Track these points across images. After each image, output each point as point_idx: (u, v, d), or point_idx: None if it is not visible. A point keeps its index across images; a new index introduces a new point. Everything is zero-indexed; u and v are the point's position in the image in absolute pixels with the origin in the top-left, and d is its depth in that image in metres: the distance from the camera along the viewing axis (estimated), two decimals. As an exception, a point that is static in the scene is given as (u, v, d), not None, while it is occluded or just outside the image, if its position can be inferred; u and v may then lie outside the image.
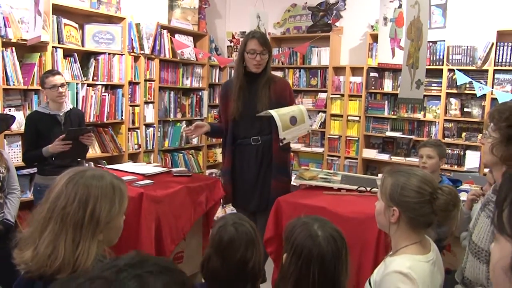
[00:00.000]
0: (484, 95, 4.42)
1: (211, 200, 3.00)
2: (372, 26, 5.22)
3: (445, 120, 4.77)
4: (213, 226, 1.70)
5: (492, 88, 4.38)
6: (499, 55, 4.43)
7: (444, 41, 4.68)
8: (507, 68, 4.40)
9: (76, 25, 4.19)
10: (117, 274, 0.60)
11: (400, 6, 3.88)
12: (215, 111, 6.05)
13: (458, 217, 1.65)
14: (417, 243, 1.60)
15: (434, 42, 4.67)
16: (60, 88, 3.27)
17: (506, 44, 4.39)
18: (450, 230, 1.75)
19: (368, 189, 2.80)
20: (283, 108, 2.96)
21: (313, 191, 2.87)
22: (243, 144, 3.10)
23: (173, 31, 5.28)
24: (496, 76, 4.46)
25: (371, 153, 5.27)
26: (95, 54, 4.33)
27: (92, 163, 4.30)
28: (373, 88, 5.19)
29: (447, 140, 4.69)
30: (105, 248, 1.36)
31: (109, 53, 4.37)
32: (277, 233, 2.58)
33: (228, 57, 6.28)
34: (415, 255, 1.56)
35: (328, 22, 5.60)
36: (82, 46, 4.26)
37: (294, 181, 3.07)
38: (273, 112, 2.85)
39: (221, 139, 3.38)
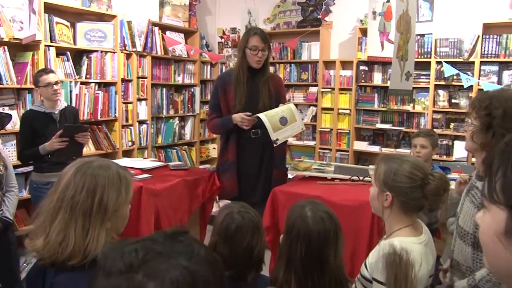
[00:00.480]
0: (471, 86, 4.52)
1: (207, 192, 3.06)
2: (361, 21, 5.30)
3: (434, 112, 4.87)
4: (217, 215, 1.75)
5: (479, 79, 4.48)
6: (485, 47, 4.52)
7: (432, 34, 4.77)
8: (492, 59, 4.50)
9: (68, 24, 4.22)
10: (164, 237, 0.68)
11: (388, 1, 3.96)
12: (207, 107, 6.09)
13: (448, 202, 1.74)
14: (410, 226, 1.67)
15: (422, 35, 4.76)
16: (54, 85, 3.30)
17: (491, 36, 4.48)
18: (442, 213, 1.83)
19: (361, 178, 2.88)
20: (273, 109, 3.03)
21: (308, 181, 2.95)
22: (243, 137, 3.16)
23: (164, 28, 5.31)
24: (482, 67, 4.56)
25: (362, 145, 5.35)
26: (88, 52, 4.36)
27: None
28: (363, 81, 5.27)
29: (436, 130, 4.75)
30: (113, 236, 1.41)
31: (101, 51, 4.40)
32: (273, 222, 2.65)
33: (219, 53, 6.32)
34: (408, 237, 1.64)
35: (318, 17, 5.67)
36: (74, 44, 4.28)
37: (289, 172, 3.14)
38: (262, 115, 2.93)
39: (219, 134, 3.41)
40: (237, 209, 1.71)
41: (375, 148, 5.26)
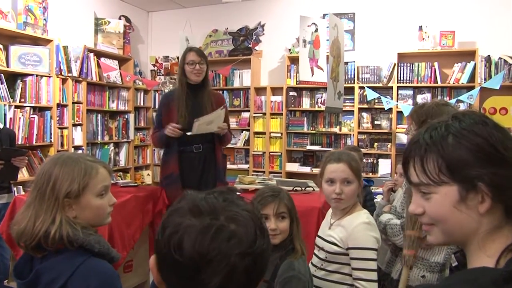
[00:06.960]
0: (391, 108, 5.00)
1: (157, 208, 3.13)
2: (289, 50, 5.68)
3: (359, 133, 5.29)
4: None
5: (397, 102, 4.97)
6: (400, 74, 5.05)
7: (354, 62, 5.24)
8: (407, 85, 5.03)
9: (1, 46, 4.14)
10: (223, 189, 0.87)
11: (316, 30, 4.32)
12: (141, 133, 6.13)
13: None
14: (356, 203, 1.96)
15: (346, 63, 5.19)
16: None
17: (405, 64, 5.03)
18: None
19: (303, 188, 3.11)
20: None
21: (253, 194, 3.12)
22: (186, 151, 3.22)
23: (99, 54, 5.34)
24: (400, 92, 5.07)
25: (293, 167, 5.64)
26: (22, 75, 4.29)
27: (21, 187, 4.21)
28: (292, 106, 5.61)
29: (361, 150, 5.17)
30: (94, 228, 1.44)
31: (36, 75, 4.34)
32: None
33: (152, 80, 6.41)
34: (361, 211, 1.94)
35: (249, 46, 5.99)
36: (7, 67, 4.19)
37: (235, 186, 3.29)
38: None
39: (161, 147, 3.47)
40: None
41: (306, 169, 5.56)
